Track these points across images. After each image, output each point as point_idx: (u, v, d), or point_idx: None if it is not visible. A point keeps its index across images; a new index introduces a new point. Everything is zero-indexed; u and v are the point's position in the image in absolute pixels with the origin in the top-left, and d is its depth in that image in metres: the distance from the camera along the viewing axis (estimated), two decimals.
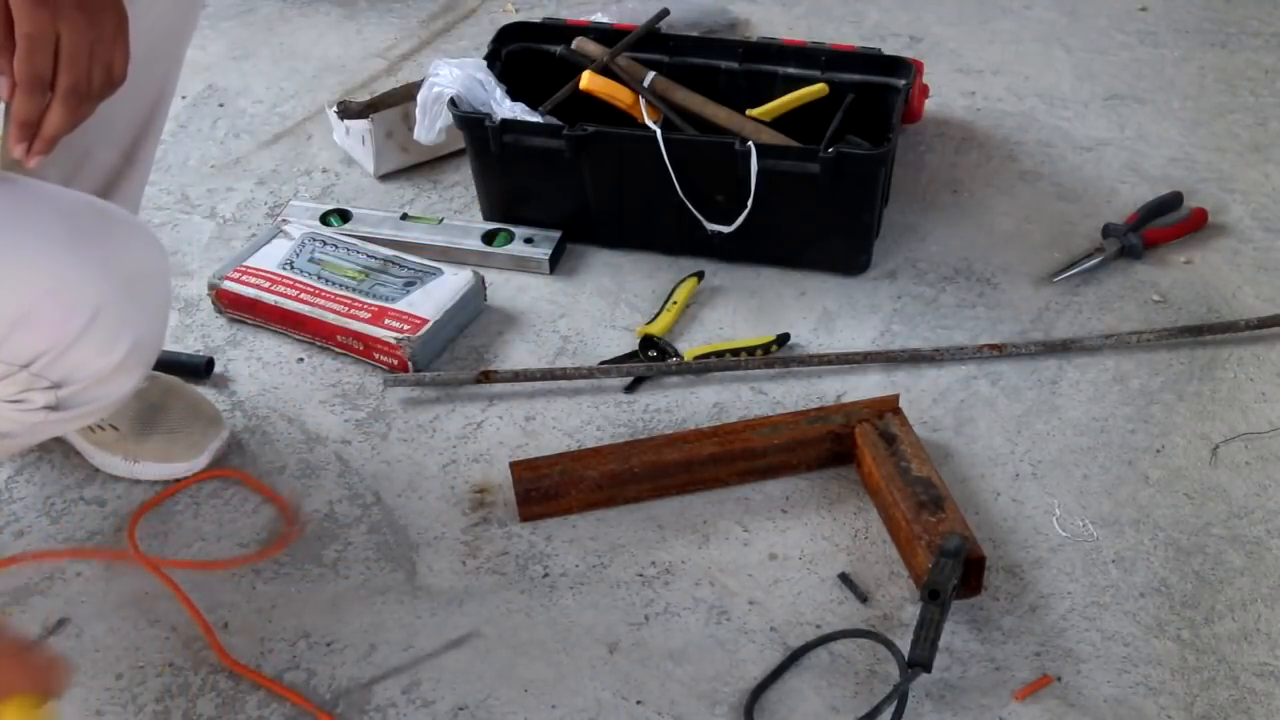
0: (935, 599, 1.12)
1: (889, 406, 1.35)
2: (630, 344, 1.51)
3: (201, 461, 1.35)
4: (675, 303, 1.54)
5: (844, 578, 1.23)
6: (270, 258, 1.57)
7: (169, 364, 1.43)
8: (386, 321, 1.47)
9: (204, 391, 1.42)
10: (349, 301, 1.50)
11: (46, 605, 1.21)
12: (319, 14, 2.21)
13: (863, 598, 1.21)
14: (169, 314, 1.12)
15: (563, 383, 1.45)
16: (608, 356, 1.49)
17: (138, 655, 1.18)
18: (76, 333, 0.98)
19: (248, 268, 1.55)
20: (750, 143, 1.50)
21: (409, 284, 1.53)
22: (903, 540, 1.24)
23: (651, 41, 1.71)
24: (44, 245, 0.98)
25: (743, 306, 1.57)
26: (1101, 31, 2.11)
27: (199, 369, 1.46)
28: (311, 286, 1.52)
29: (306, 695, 1.14)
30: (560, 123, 1.59)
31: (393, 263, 1.56)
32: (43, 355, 0.99)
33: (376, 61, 2.07)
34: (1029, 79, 1.99)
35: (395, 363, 1.46)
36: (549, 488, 1.28)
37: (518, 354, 1.50)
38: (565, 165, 1.58)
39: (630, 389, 1.45)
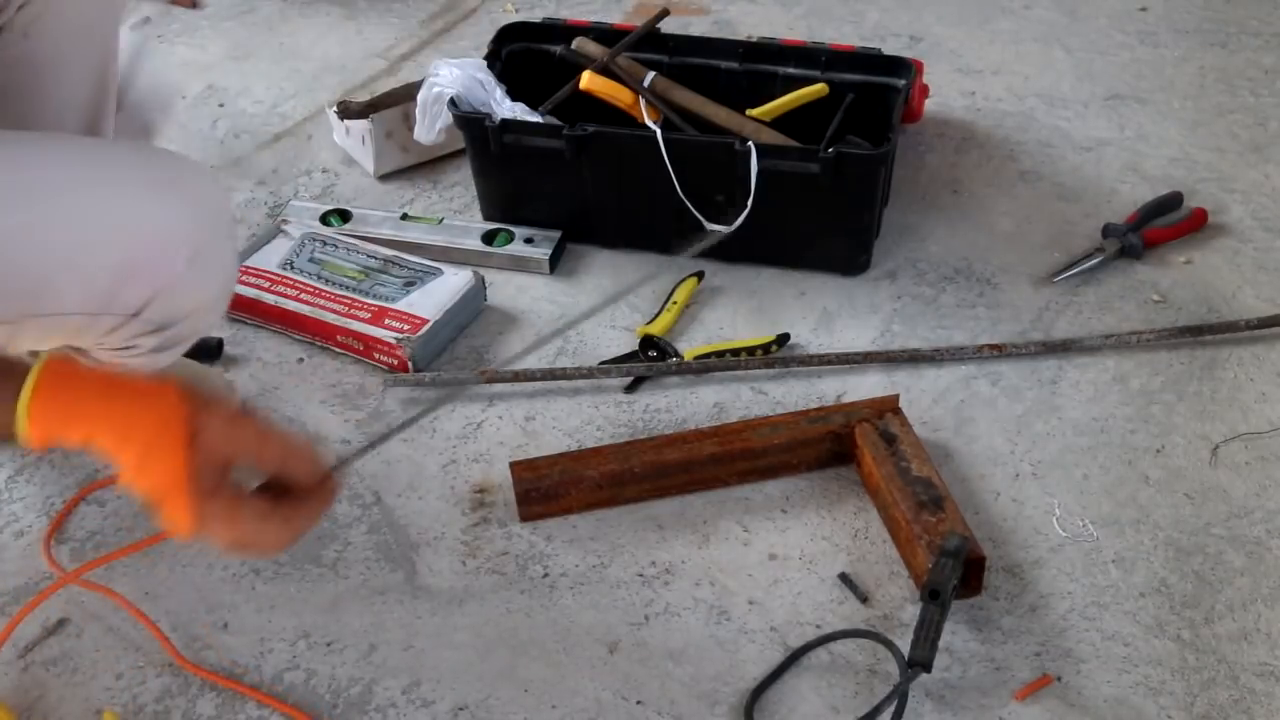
0: (935, 599, 1.12)
1: (889, 406, 1.35)
2: (630, 344, 1.51)
3: None
4: (675, 303, 1.54)
5: (844, 578, 1.23)
6: (270, 258, 1.57)
7: None
8: (386, 321, 1.47)
9: None
10: (349, 301, 1.50)
11: (47, 605, 1.21)
12: (319, 14, 2.21)
13: (863, 598, 1.21)
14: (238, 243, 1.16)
15: (563, 383, 1.45)
16: (608, 356, 1.49)
17: (138, 655, 1.18)
18: (179, 274, 1.01)
19: (248, 268, 1.55)
20: (750, 143, 1.50)
21: (409, 284, 1.53)
22: (903, 540, 1.24)
23: (651, 41, 1.71)
24: (133, 193, 1.00)
25: (743, 306, 1.57)
26: (1101, 31, 2.11)
27: (211, 350, 1.48)
28: (311, 286, 1.52)
29: (305, 695, 1.15)
30: (560, 123, 1.59)
31: (393, 263, 1.56)
32: (152, 301, 1.01)
33: (376, 61, 2.07)
34: (1029, 79, 1.99)
35: (395, 363, 1.46)
36: (549, 488, 1.28)
37: (518, 354, 1.50)
38: (565, 165, 1.58)
39: (630, 389, 1.45)
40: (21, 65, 1.18)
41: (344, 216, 1.67)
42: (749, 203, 1.52)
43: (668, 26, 1.73)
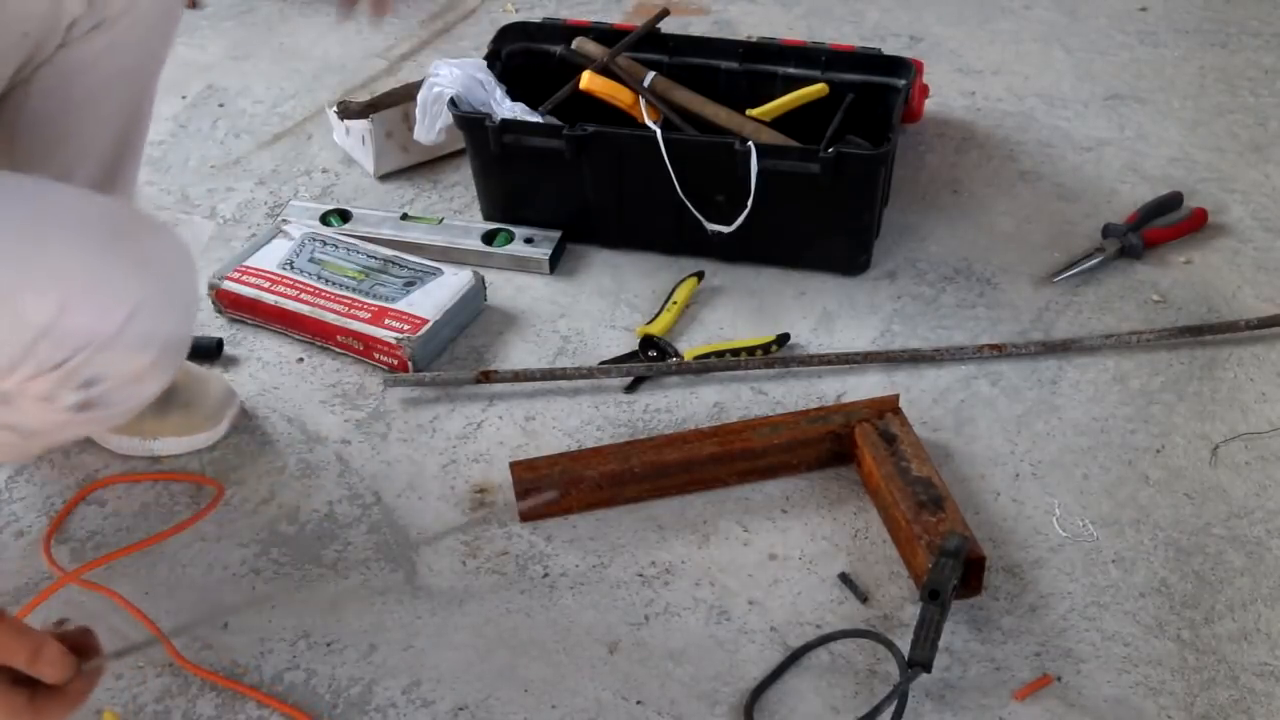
0: (935, 599, 1.12)
1: (889, 406, 1.35)
2: (630, 344, 1.51)
3: (221, 429, 1.38)
4: (675, 303, 1.54)
5: (844, 578, 1.23)
6: (270, 258, 1.57)
7: None
8: (386, 321, 1.47)
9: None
10: (349, 301, 1.50)
11: (46, 605, 1.21)
12: (319, 14, 2.21)
13: (863, 598, 1.21)
14: (196, 315, 1.11)
15: (563, 383, 1.45)
16: (608, 356, 1.49)
17: (138, 655, 1.18)
18: (114, 331, 0.97)
19: (248, 268, 1.55)
20: (750, 143, 1.50)
21: (409, 284, 1.53)
22: (903, 540, 1.24)
23: (651, 41, 1.71)
24: (83, 242, 0.97)
25: (743, 306, 1.57)
26: (1101, 31, 2.11)
27: (210, 350, 1.48)
28: (311, 286, 1.52)
29: (305, 695, 1.15)
30: (560, 123, 1.59)
31: (393, 263, 1.56)
32: (78, 353, 0.97)
33: (376, 61, 2.07)
34: (1029, 79, 1.99)
35: (395, 363, 1.46)
36: (549, 488, 1.28)
37: (518, 354, 1.50)
38: (565, 165, 1.58)
39: (630, 389, 1.45)
40: (52, 100, 1.17)
41: (344, 216, 1.67)
42: (749, 203, 1.52)
43: (668, 26, 1.73)
